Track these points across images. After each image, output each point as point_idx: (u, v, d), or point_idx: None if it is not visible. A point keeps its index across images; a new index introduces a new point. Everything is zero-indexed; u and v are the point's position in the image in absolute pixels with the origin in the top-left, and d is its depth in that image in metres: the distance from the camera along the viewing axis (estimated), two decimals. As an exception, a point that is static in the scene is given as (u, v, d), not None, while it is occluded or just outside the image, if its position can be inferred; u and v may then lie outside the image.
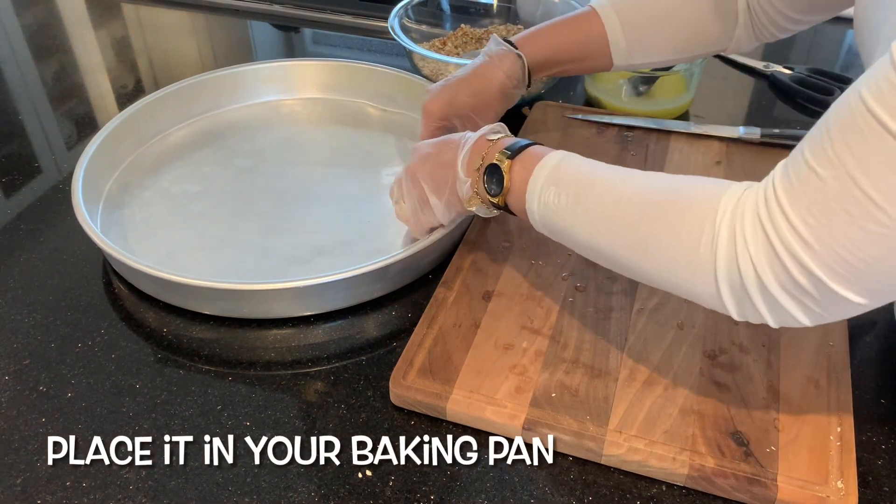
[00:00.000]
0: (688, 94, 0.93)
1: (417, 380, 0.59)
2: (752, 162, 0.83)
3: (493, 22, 1.06)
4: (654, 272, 0.50)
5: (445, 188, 0.63)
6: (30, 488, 0.55)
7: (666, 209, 0.49)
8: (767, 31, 0.72)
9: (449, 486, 0.54)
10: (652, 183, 0.52)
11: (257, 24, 1.22)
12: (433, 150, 0.65)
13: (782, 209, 0.43)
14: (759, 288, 0.45)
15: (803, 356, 0.61)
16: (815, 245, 0.42)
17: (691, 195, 0.49)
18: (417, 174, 0.65)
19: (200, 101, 0.92)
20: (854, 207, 0.40)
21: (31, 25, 1.23)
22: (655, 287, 0.52)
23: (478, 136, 0.61)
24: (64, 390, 0.61)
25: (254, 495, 0.54)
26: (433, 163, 0.64)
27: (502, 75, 0.73)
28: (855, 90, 0.40)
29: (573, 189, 0.54)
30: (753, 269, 0.44)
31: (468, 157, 0.61)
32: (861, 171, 0.39)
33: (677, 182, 0.51)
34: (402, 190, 0.68)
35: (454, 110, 0.73)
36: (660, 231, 0.49)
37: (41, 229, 0.78)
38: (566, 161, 0.56)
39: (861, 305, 0.44)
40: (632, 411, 0.57)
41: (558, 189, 0.54)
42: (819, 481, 0.52)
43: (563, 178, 0.55)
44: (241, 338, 0.66)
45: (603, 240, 0.53)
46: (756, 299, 0.46)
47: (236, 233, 0.76)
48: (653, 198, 0.50)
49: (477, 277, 0.68)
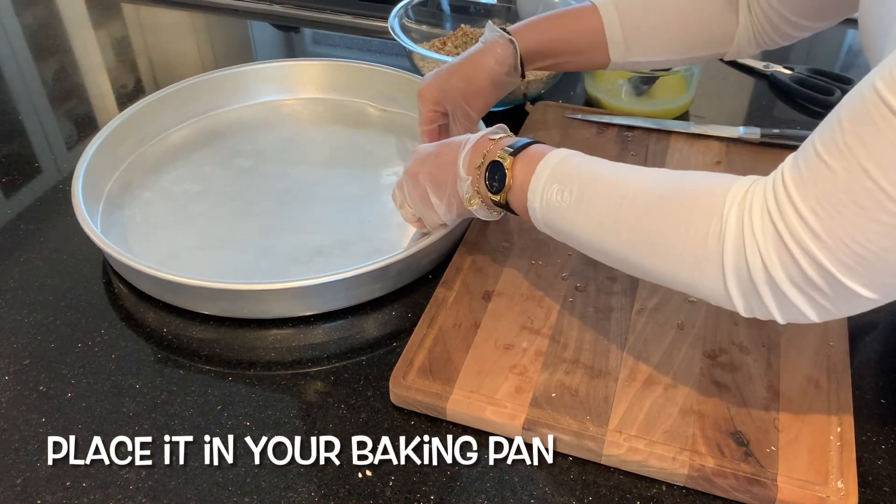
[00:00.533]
0: (688, 94, 0.93)
1: (417, 380, 0.59)
2: (752, 162, 0.83)
3: (493, 22, 1.06)
4: (659, 269, 0.50)
5: (446, 188, 0.63)
6: (30, 488, 0.55)
7: (672, 204, 0.48)
8: (769, 36, 0.71)
9: (449, 486, 0.54)
10: (657, 178, 0.51)
11: (257, 24, 1.22)
12: (433, 151, 0.65)
13: (791, 200, 0.42)
14: (767, 282, 0.44)
15: (803, 356, 0.61)
16: (824, 237, 0.41)
17: (698, 189, 0.48)
18: (418, 175, 0.65)
19: (201, 101, 0.92)
20: (865, 199, 0.39)
21: (31, 25, 1.23)
22: (661, 284, 0.52)
23: (480, 136, 0.61)
24: (64, 390, 0.61)
25: (254, 495, 0.54)
26: (433, 163, 0.64)
27: (493, 62, 0.72)
28: (868, 82, 0.40)
29: (576, 186, 0.53)
30: (762, 262, 0.44)
31: (469, 156, 0.61)
32: (873, 162, 0.39)
33: (683, 177, 0.50)
34: (404, 193, 0.67)
35: (445, 95, 0.73)
36: (665, 226, 0.48)
37: (41, 229, 0.78)
38: (569, 158, 0.56)
39: (870, 300, 0.43)
40: (632, 411, 0.57)
41: (561, 186, 0.54)
42: (819, 481, 0.52)
43: (566, 176, 0.55)
44: (241, 338, 0.66)
45: (607, 237, 0.52)
46: (764, 294, 0.45)
47: (236, 233, 0.76)
48: (658, 193, 0.49)
49: (477, 277, 0.68)
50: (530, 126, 0.89)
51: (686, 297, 0.66)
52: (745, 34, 0.72)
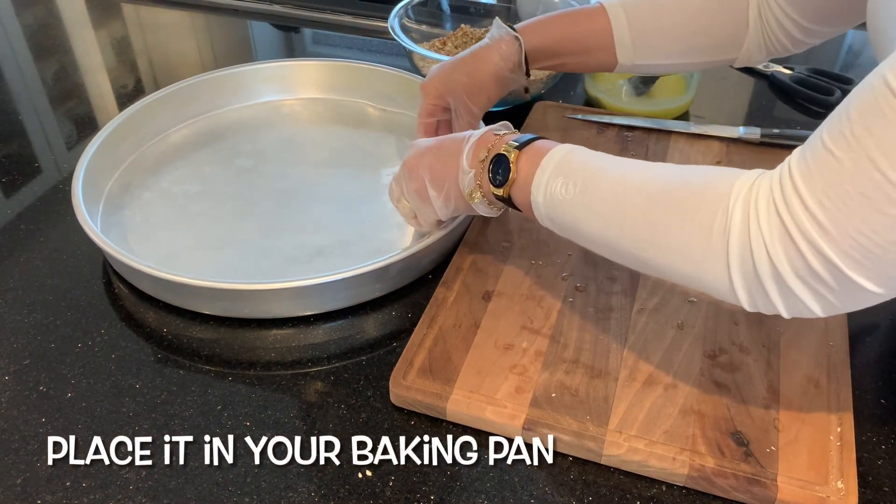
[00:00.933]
0: (688, 95, 0.93)
1: (417, 380, 0.59)
2: (752, 162, 0.82)
3: (493, 22, 1.06)
4: (663, 262, 0.49)
5: (445, 181, 0.62)
6: (30, 488, 0.55)
7: (676, 197, 0.48)
8: (780, 42, 0.70)
9: (449, 486, 0.54)
10: (661, 172, 0.51)
11: (257, 24, 1.22)
12: (434, 145, 0.64)
13: (798, 192, 0.42)
14: (772, 275, 0.44)
15: (803, 356, 0.61)
16: (831, 229, 0.41)
17: (703, 182, 0.48)
18: (417, 168, 0.64)
19: (201, 101, 0.92)
20: (872, 190, 0.39)
21: (31, 25, 1.23)
22: (664, 278, 0.51)
23: (484, 131, 0.61)
24: (64, 390, 0.61)
25: (254, 495, 0.54)
26: (434, 155, 0.63)
27: (498, 58, 0.72)
28: (878, 73, 0.39)
29: (580, 179, 0.53)
30: (767, 255, 0.44)
31: (473, 149, 0.60)
32: (881, 153, 0.39)
33: (688, 171, 0.50)
34: (400, 187, 0.67)
35: (448, 89, 0.73)
36: (670, 219, 0.48)
37: (41, 229, 0.78)
38: (574, 152, 0.56)
39: (876, 294, 0.43)
40: (632, 411, 0.57)
41: (565, 180, 0.54)
42: (819, 481, 0.52)
43: (570, 169, 0.54)
44: (241, 338, 0.66)
45: (611, 231, 0.52)
46: (769, 287, 0.45)
47: (236, 233, 0.76)
48: (663, 186, 0.49)
49: (477, 277, 0.68)
50: (530, 126, 0.89)
51: (686, 297, 0.66)
52: (755, 39, 0.71)
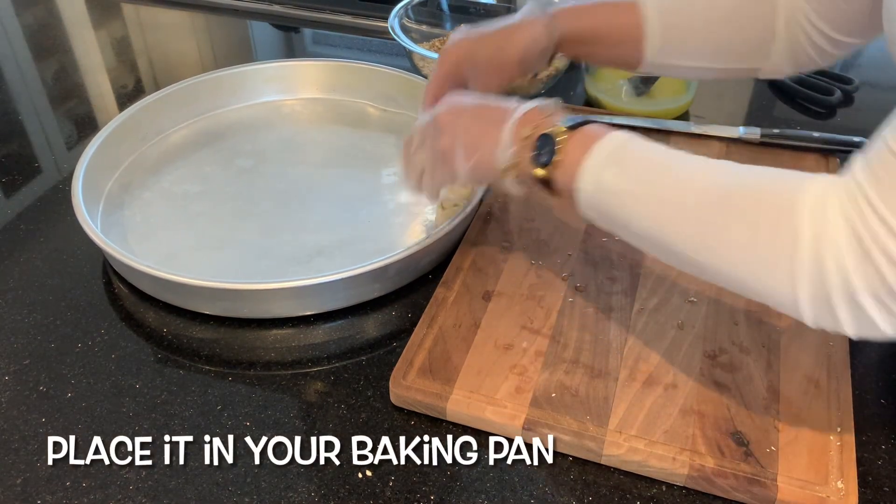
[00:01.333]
0: (688, 95, 0.93)
1: (417, 380, 0.59)
2: (752, 162, 0.82)
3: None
4: (721, 268, 0.47)
5: (479, 148, 0.58)
6: (30, 488, 0.55)
7: (739, 204, 0.46)
8: (807, 54, 0.67)
9: (449, 486, 0.54)
10: (726, 173, 0.49)
11: (257, 24, 1.22)
12: (474, 106, 0.60)
13: (871, 204, 0.40)
14: (844, 293, 0.42)
15: (803, 356, 0.61)
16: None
17: (766, 188, 0.46)
18: (453, 126, 0.60)
19: (201, 101, 0.92)
20: None
21: (31, 25, 1.23)
22: (719, 285, 0.50)
23: (532, 106, 0.57)
24: (64, 390, 0.61)
25: (254, 495, 0.54)
26: (473, 118, 0.59)
27: (529, 39, 0.68)
28: None
29: (638, 172, 0.51)
30: (841, 274, 0.41)
31: (517, 125, 0.56)
32: None
33: (752, 175, 0.48)
34: (422, 140, 0.62)
35: (470, 61, 0.69)
36: (731, 226, 0.46)
37: (41, 229, 0.78)
38: (632, 142, 0.53)
39: None
40: (632, 411, 0.57)
41: (620, 170, 0.51)
42: (819, 481, 0.52)
43: (628, 160, 0.51)
44: (241, 338, 0.66)
45: (667, 230, 0.49)
46: (839, 306, 0.42)
47: (236, 233, 0.76)
48: (726, 190, 0.47)
49: (477, 277, 0.68)
50: (530, 126, 0.89)
51: (686, 297, 0.66)
52: (783, 48, 0.68)
